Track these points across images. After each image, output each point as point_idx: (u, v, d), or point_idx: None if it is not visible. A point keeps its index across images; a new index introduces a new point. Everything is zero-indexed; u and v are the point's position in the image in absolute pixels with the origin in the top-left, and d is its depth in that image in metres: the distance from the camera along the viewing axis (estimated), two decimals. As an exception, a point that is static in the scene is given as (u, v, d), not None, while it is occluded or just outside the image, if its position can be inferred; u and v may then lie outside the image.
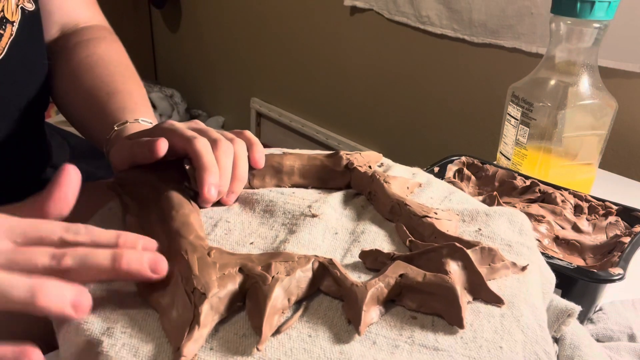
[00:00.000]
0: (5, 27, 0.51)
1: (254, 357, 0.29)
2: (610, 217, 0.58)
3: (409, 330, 0.32)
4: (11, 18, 0.52)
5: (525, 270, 0.37)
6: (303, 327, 0.31)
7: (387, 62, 1.44)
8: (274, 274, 0.32)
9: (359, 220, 0.43)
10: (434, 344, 0.31)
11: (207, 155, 0.41)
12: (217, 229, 0.40)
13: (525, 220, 0.44)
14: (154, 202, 0.40)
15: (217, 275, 0.32)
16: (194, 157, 0.41)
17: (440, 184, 0.49)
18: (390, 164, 0.52)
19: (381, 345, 0.30)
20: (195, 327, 0.29)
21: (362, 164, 0.48)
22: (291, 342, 0.30)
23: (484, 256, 0.36)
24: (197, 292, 0.30)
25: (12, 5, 0.52)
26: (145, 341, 0.30)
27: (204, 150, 0.41)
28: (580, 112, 0.69)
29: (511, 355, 0.31)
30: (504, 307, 0.34)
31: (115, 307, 0.32)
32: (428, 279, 0.33)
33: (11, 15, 0.52)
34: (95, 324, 0.31)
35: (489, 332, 0.32)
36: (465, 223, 0.43)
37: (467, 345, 0.31)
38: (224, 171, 0.42)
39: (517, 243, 0.40)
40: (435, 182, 0.49)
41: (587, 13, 0.65)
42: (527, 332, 0.33)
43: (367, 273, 0.36)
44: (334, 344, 0.30)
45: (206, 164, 0.40)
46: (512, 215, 0.43)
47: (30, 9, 0.54)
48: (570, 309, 0.44)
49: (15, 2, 0.52)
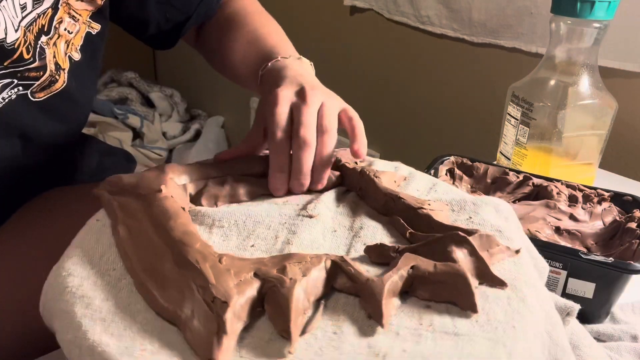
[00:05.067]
0: (60, 73, 0.56)
1: None
2: (604, 203, 0.60)
3: (427, 319, 0.32)
4: (62, 65, 0.57)
5: (519, 253, 0.38)
6: (327, 326, 0.32)
7: (387, 62, 1.44)
8: (291, 276, 0.32)
9: (354, 216, 0.43)
10: (454, 330, 0.31)
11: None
12: (213, 235, 0.40)
13: (509, 208, 0.45)
14: (142, 212, 0.39)
15: (233, 282, 0.31)
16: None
17: (423, 176, 0.50)
18: (371, 159, 0.52)
19: (405, 335, 0.31)
20: (223, 336, 0.29)
21: (349, 161, 0.49)
22: (319, 342, 0.30)
23: (482, 242, 0.37)
24: (218, 301, 0.30)
25: (62, 54, 0.56)
26: (169, 356, 0.29)
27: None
28: (580, 112, 0.69)
29: (523, 334, 0.32)
30: (507, 290, 0.35)
31: (128, 325, 0.31)
32: (439, 268, 0.34)
33: (62, 63, 0.56)
34: (111, 345, 0.30)
35: (500, 314, 0.33)
36: (455, 212, 0.44)
37: (484, 327, 0.32)
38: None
39: (506, 229, 0.42)
40: (417, 174, 0.50)
41: (587, 13, 0.65)
42: (533, 311, 0.34)
43: (374, 267, 0.37)
44: (360, 338, 0.31)
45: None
46: (497, 204, 0.45)
47: (76, 59, 0.58)
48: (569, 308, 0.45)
49: (64, 51, 0.56)
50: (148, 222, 0.38)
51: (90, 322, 0.31)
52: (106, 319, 0.31)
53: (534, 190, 0.63)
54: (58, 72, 0.56)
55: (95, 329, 0.31)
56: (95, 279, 0.35)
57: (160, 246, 0.35)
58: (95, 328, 0.31)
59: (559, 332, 0.36)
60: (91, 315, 0.32)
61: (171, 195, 0.41)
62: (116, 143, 1.95)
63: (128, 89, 2.21)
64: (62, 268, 0.36)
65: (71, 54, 0.57)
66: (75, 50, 0.58)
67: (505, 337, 0.31)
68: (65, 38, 0.56)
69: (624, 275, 0.49)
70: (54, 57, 0.55)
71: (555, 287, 0.51)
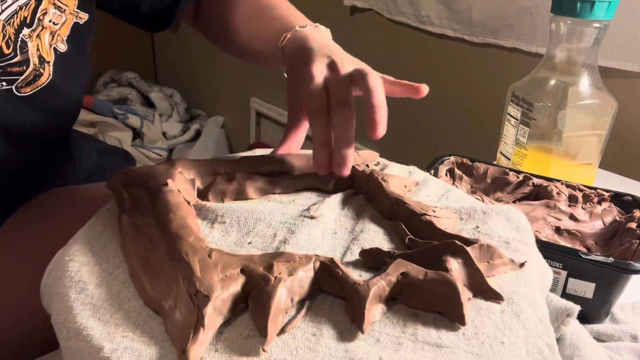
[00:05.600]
0: (44, 67, 0.55)
1: (260, 358, 0.29)
2: (604, 203, 0.60)
3: (411, 328, 0.32)
4: (47, 58, 0.55)
5: (523, 267, 0.37)
6: (307, 327, 0.31)
7: (387, 62, 1.44)
8: (276, 275, 0.32)
9: (358, 219, 0.43)
10: (437, 341, 0.31)
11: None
12: (214, 230, 0.40)
13: (522, 217, 0.44)
14: (148, 204, 0.39)
15: (219, 277, 0.32)
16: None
17: (437, 182, 0.50)
18: (386, 162, 0.52)
19: (385, 342, 0.31)
20: (200, 329, 0.29)
21: (359, 163, 0.49)
22: (296, 342, 0.30)
23: (482, 253, 0.36)
24: (200, 294, 0.30)
25: (46, 46, 0.54)
26: (148, 345, 0.30)
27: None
28: (580, 112, 0.69)
29: (513, 349, 0.31)
30: (503, 304, 0.34)
31: (115, 311, 0.32)
32: (429, 276, 0.33)
33: (47, 55, 0.55)
34: (96, 329, 0.31)
35: (490, 328, 0.32)
36: (462, 221, 0.43)
37: (470, 341, 0.31)
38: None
39: (515, 240, 0.41)
40: (431, 180, 0.50)
41: (587, 13, 0.65)
42: (528, 326, 0.33)
43: (368, 271, 0.37)
44: (338, 342, 0.30)
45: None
46: (509, 212, 0.44)
47: (62, 50, 0.56)
48: (570, 309, 0.44)
49: (49, 43, 0.55)
50: (151, 214, 0.38)
51: (80, 307, 0.32)
52: (96, 304, 0.32)
53: (534, 190, 0.63)
54: (42, 65, 0.55)
55: (85, 313, 0.32)
56: (94, 266, 0.36)
57: (157, 238, 0.36)
58: (84, 312, 0.32)
59: (555, 346, 0.36)
60: (83, 300, 0.33)
61: (177, 189, 0.41)
62: (116, 143, 1.95)
63: (128, 89, 2.21)
64: (66, 253, 0.37)
65: (56, 45, 0.56)
66: (61, 41, 0.56)
67: (490, 353, 0.30)
68: (49, 30, 0.54)
69: (624, 275, 0.49)
70: (37, 50, 0.54)
71: (555, 287, 0.51)
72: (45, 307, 0.35)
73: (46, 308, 0.35)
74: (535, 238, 0.53)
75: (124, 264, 0.36)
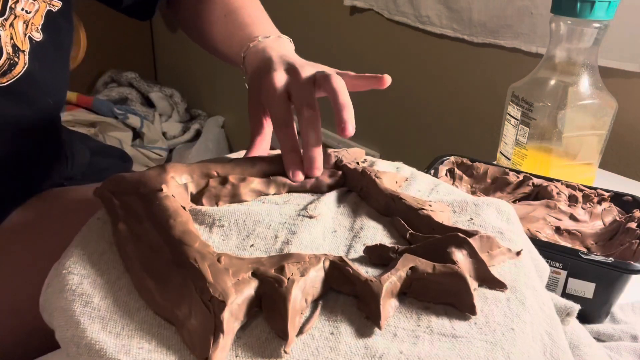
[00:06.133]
0: (19, 56, 0.54)
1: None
2: (604, 203, 0.61)
3: (425, 320, 0.32)
4: (22, 47, 0.54)
5: (520, 255, 0.38)
6: (324, 326, 0.32)
7: (387, 62, 1.44)
8: (289, 276, 0.32)
9: (355, 216, 0.43)
10: (452, 332, 0.31)
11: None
12: (213, 235, 0.40)
13: (512, 210, 0.45)
14: (143, 211, 0.39)
15: (231, 281, 0.31)
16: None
17: (425, 177, 0.50)
18: (373, 159, 0.52)
19: (402, 337, 0.31)
20: (220, 335, 0.29)
21: (349, 161, 0.49)
22: (315, 342, 0.30)
23: (483, 244, 0.37)
24: (215, 300, 0.30)
25: (20, 35, 0.54)
26: (166, 355, 0.29)
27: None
28: (580, 112, 0.69)
29: (522, 336, 0.32)
30: (507, 292, 0.35)
31: (126, 323, 0.31)
32: (438, 269, 0.34)
33: (21, 44, 0.54)
34: (108, 343, 0.30)
35: (499, 316, 0.33)
36: (456, 214, 0.44)
37: (482, 330, 0.32)
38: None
39: (508, 230, 0.41)
40: (419, 175, 0.50)
41: (587, 13, 0.65)
42: (532, 313, 0.34)
43: (374, 268, 0.37)
44: (357, 339, 0.31)
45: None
46: (499, 205, 0.45)
47: (37, 39, 0.56)
48: (569, 308, 0.45)
49: (23, 32, 0.54)
50: (148, 221, 0.38)
51: (88, 320, 0.31)
52: (104, 317, 0.31)
53: (534, 190, 0.63)
54: (17, 54, 0.54)
55: (94, 326, 0.31)
56: (95, 277, 0.35)
57: (160, 245, 0.35)
58: (93, 326, 0.31)
59: (559, 333, 0.36)
60: (90, 313, 0.32)
61: (172, 195, 0.41)
62: (116, 143, 1.95)
63: (128, 89, 2.21)
64: (63, 266, 0.36)
65: (31, 34, 0.55)
66: (35, 30, 0.55)
67: (503, 340, 0.31)
68: (23, 18, 0.54)
69: (624, 275, 0.49)
70: (11, 39, 0.53)
71: (555, 287, 0.51)
72: (48, 323, 0.35)
73: (48, 324, 0.34)
74: (535, 238, 0.54)
75: (125, 274, 0.35)
